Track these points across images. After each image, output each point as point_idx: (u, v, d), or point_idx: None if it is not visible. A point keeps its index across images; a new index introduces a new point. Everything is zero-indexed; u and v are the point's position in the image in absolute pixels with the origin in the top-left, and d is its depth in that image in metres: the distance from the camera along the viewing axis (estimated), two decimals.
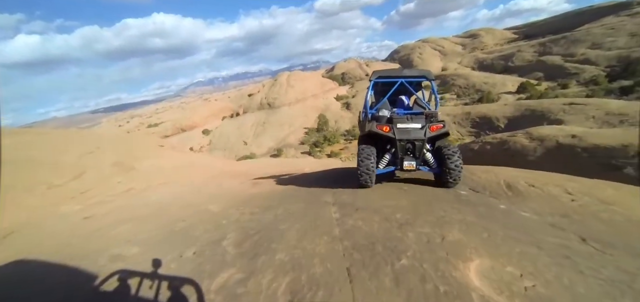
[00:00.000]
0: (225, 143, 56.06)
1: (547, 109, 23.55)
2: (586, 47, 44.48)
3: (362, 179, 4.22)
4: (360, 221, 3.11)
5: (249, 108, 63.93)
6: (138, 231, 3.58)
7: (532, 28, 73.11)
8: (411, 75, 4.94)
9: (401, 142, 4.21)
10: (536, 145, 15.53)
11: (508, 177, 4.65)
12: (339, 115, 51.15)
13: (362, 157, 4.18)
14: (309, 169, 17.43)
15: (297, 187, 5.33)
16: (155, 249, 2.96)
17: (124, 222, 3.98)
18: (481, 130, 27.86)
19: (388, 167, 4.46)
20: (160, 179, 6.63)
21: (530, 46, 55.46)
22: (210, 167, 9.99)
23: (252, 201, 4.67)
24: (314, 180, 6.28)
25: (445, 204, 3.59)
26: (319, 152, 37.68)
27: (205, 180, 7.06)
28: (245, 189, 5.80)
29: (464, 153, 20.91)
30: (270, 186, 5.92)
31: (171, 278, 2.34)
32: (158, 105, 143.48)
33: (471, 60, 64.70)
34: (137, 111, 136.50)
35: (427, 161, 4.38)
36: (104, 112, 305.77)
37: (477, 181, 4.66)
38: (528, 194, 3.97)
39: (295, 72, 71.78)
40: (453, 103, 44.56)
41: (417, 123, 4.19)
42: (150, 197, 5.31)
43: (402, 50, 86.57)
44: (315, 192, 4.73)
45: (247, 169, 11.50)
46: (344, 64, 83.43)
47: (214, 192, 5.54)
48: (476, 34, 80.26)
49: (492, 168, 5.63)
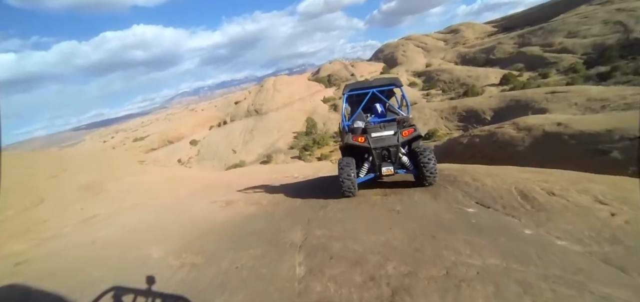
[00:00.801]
0: (213, 153, 54.96)
1: (531, 98, 23.92)
2: (563, 37, 45.84)
3: (345, 189, 4.43)
4: (333, 287, 2.21)
5: (236, 116, 63.00)
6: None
7: (511, 20, 75.10)
8: (380, 84, 5.20)
9: (376, 150, 4.43)
10: (524, 136, 15.60)
11: (518, 182, 4.03)
12: (327, 117, 50.94)
13: (342, 172, 4.39)
14: (298, 174, 16.99)
15: (270, 211, 4.73)
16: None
17: (44, 277, 3.16)
18: (468, 124, 28.09)
19: (368, 174, 4.71)
20: (133, 199, 6.10)
21: (509, 38, 56.81)
22: (192, 180, 9.44)
23: (205, 239, 3.92)
24: (294, 191, 5.81)
25: (453, 236, 2.83)
26: (309, 156, 37.30)
27: (179, 198, 6.50)
28: (212, 213, 5.09)
29: (454, 147, 20.95)
30: (241, 207, 5.21)
31: None
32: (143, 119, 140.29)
33: (454, 55, 65.80)
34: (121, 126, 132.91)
35: (403, 164, 4.61)
36: (87, 128, 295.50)
37: (484, 191, 3.98)
38: (551, 206, 3.25)
39: (281, 77, 71.32)
40: (439, 98, 45.03)
41: (389, 130, 4.44)
42: (101, 231, 4.68)
43: (386, 49, 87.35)
44: (287, 220, 4.09)
45: (232, 180, 10.99)
46: (330, 66, 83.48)
47: (172, 222, 4.87)
48: (457, 29, 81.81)
49: (495, 170, 5.07)
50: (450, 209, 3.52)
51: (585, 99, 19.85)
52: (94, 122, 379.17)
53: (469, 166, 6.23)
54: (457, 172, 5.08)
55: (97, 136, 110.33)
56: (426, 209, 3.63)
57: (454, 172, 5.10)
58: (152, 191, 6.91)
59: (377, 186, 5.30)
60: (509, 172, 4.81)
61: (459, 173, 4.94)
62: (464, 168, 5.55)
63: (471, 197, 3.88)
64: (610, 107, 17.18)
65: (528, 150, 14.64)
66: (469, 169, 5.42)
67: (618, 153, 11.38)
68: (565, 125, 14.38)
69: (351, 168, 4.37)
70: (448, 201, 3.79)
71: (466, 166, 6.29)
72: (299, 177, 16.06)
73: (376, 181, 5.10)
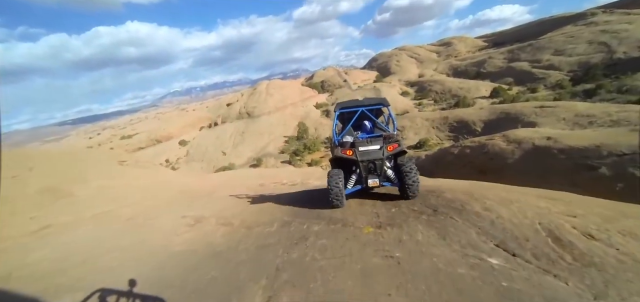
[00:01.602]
0: (203, 154, 53.91)
1: (521, 112, 24.25)
2: (550, 54, 47.22)
3: (333, 200, 4.63)
4: None
5: (227, 118, 62.14)
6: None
7: (501, 36, 77.17)
8: (370, 103, 5.53)
9: (363, 162, 4.70)
10: (514, 148, 15.66)
11: (540, 214, 3.41)
12: (319, 123, 50.71)
13: (331, 181, 4.61)
14: (286, 180, 16.54)
15: (237, 240, 3.89)
16: None
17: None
18: (459, 134, 28.29)
19: (356, 186, 4.96)
20: (97, 207, 5.52)
21: (500, 53, 58.21)
22: (172, 185, 8.87)
23: (140, 286, 3.01)
24: (275, 208, 5.20)
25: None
26: (299, 161, 36.87)
27: (148, 209, 5.81)
28: (172, 237, 4.31)
29: (444, 157, 20.94)
30: (209, 230, 4.43)
31: None
32: (132, 116, 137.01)
33: (446, 66, 66.96)
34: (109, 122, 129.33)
35: (388, 177, 4.84)
36: (73, 124, 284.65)
37: (502, 227, 3.22)
38: (601, 260, 2.53)
39: (274, 81, 71.00)
40: (431, 108, 45.49)
41: (375, 145, 4.74)
42: (36, 253, 4.01)
43: (380, 58, 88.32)
44: (249, 266, 3.20)
45: (215, 186, 10.46)
46: (323, 72, 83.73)
47: (123, 248, 4.06)
48: (449, 42, 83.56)
49: (506, 193, 4.48)
50: (467, 258, 2.76)
51: (572, 114, 20.20)
52: (81, 118, 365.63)
53: (474, 186, 5.69)
54: (464, 196, 4.44)
55: (82, 132, 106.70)
56: (435, 256, 2.85)
57: (460, 196, 4.45)
58: (123, 198, 6.30)
59: (367, 198, 4.91)
60: (523, 198, 4.20)
61: (465, 198, 4.30)
62: (470, 191, 4.80)
63: (488, 236, 3.10)
64: (597, 123, 17.48)
65: (518, 163, 14.68)
66: (476, 191, 4.72)
67: (606, 169, 11.43)
68: (554, 140, 14.49)
69: (340, 179, 4.63)
70: (461, 243, 3.04)
71: (472, 186, 5.69)
72: (287, 183, 15.63)
73: (367, 192, 5.24)
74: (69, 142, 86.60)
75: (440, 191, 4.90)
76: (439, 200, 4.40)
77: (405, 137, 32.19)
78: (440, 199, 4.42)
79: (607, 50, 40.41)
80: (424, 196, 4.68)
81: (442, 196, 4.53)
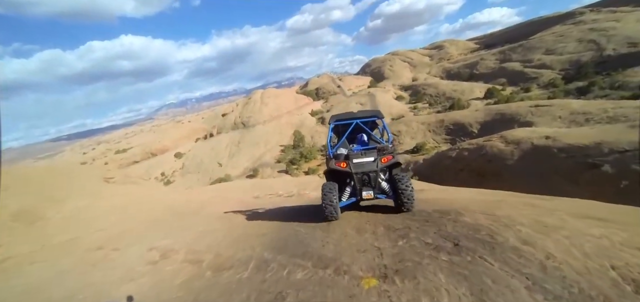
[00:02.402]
0: (198, 166, 53.24)
1: (516, 112, 24.20)
2: (541, 53, 47.75)
3: (327, 213, 4.49)
4: None
5: (223, 128, 61.69)
6: None
7: (491, 38, 78.23)
8: (364, 115, 5.47)
9: (357, 174, 4.59)
10: (512, 149, 15.43)
11: (606, 252, 2.56)
12: (315, 130, 50.46)
13: (325, 194, 4.47)
14: (282, 191, 16.07)
15: (197, 290, 3.25)
16: None
17: None
18: (456, 137, 28.15)
19: (350, 198, 4.82)
20: (68, 233, 4.98)
21: (491, 55, 58.81)
22: (155, 204, 8.36)
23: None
24: (258, 234, 4.61)
25: None
26: (296, 170, 36.42)
27: (116, 237, 5.09)
28: (129, 279, 3.66)
29: (442, 161, 20.68)
30: (169, 271, 3.75)
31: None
32: (128, 130, 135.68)
33: (439, 70, 67.44)
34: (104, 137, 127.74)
35: (383, 189, 4.72)
36: (67, 139, 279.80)
37: (559, 273, 2.33)
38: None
39: (268, 90, 70.91)
40: (426, 111, 45.51)
41: (370, 157, 4.63)
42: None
43: (373, 64, 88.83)
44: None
45: (205, 202, 9.95)
46: (318, 79, 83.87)
47: (59, 297, 3.37)
48: (441, 46, 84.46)
49: (542, 217, 3.59)
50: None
51: (568, 112, 20.14)
52: (76, 133, 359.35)
53: (489, 200, 4.92)
54: (486, 218, 3.63)
55: (77, 148, 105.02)
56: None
57: (482, 219, 3.65)
58: (97, 221, 5.73)
59: (366, 221, 4.29)
60: (566, 222, 3.32)
61: (490, 222, 3.48)
62: (491, 210, 4.00)
63: (548, 296, 2.09)
64: (594, 120, 17.39)
65: (517, 164, 14.42)
66: (498, 210, 3.93)
67: (609, 167, 11.18)
68: (553, 139, 14.28)
69: (333, 193, 4.50)
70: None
71: (488, 202, 4.99)
72: (283, 194, 15.16)
73: (365, 213, 4.86)
74: (63, 158, 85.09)
75: (456, 212, 4.07)
76: (458, 226, 3.53)
77: (401, 142, 31.99)
78: (458, 225, 3.56)
79: (597, 48, 40.95)
80: (437, 220, 3.87)
81: (460, 221, 3.71)
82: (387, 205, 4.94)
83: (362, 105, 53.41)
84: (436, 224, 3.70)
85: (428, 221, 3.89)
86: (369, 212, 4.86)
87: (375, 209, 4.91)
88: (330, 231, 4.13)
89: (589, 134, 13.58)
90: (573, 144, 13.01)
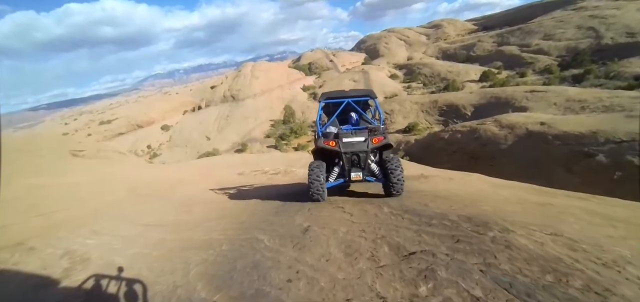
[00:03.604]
0: (186, 139, 51.79)
1: (511, 96, 23.77)
2: (539, 38, 46.94)
3: (313, 193, 4.31)
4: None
5: (211, 101, 59.66)
6: None
7: (490, 20, 76.45)
8: (356, 94, 5.26)
9: (346, 154, 4.40)
10: (506, 133, 15.05)
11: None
12: (306, 106, 49.27)
13: (312, 174, 4.29)
14: (269, 168, 15.41)
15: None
16: None
17: None
18: (449, 119, 27.73)
19: (338, 179, 4.65)
20: (9, 217, 4.23)
21: (489, 37, 57.64)
22: (124, 182, 7.54)
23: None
24: (227, 225, 3.95)
25: None
26: (286, 146, 35.68)
27: (63, 222, 4.24)
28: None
29: (435, 142, 20.29)
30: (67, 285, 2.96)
31: None
32: (112, 101, 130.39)
33: (435, 50, 66.06)
34: (87, 107, 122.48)
35: (372, 171, 4.57)
36: (47, 108, 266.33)
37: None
38: None
39: (260, 63, 68.39)
40: (420, 91, 44.79)
41: (360, 137, 4.46)
42: None
43: (369, 40, 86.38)
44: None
45: (187, 176, 9.24)
46: (311, 54, 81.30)
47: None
48: (439, 25, 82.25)
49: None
50: None
51: (564, 99, 19.79)
52: (56, 102, 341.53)
53: (556, 213, 3.45)
54: (562, 249, 2.32)
55: (58, 118, 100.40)
56: None
57: (553, 247, 2.34)
58: (42, 204, 4.89)
59: (359, 232, 3.12)
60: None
61: (578, 261, 2.12)
62: (560, 231, 2.65)
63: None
64: (590, 108, 17.09)
65: (512, 148, 14.09)
66: (578, 235, 2.58)
67: (604, 156, 10.88)
68: (548, 125, 13.89)
69: (321, 171, 4.35)
70: None
71: (544, 211, 3.62)
72: (268, 171, 14.52)
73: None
74: (43, 129, 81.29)
75: (497, 225, 2.75)
76: (517, 259, 2.17)
77: (394, 121, 31.45)
78: (516, 257, 2.21)
79: (595, 35, 40.37)
80: (474, 240, 2.50)
81: (514, 245, 2.36)
82: (387, 204, 4.03)
83: (356, 82, 52.17)
84: (475, 249, 2.33)
85: (459, 240, 2.49)
86: (365, 210, 3.84)
87: (372, 209, 3.90)
88: (307, 246, 2.86)
89: (585, 123, 13.23)
90: (569, 131, 12.65)
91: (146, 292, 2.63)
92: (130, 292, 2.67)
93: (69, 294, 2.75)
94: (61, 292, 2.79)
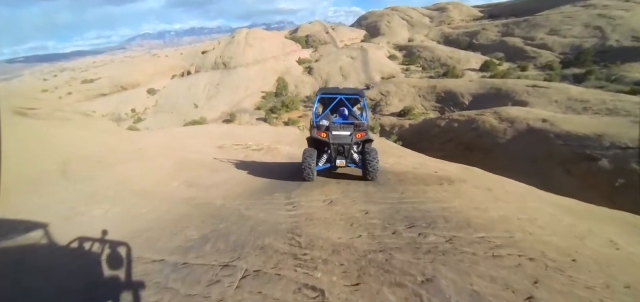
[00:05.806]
0: (173, 105, 49.63)
1: (512, 89, 22.92)
2: (545, 33, 45.65)
3: (305, 174, 5.25)
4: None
5: (201, 67, 56.84)
6: None
7: (497, 8, 74.09)
8: (348, 93, 6.23)
9: (334, 145, 5.37)
10: (506, 127, 14.27)
11: None
12: (300, 80, 47.50)
13: (305, 158, 5.27)
14: (252, 142, 14.30)
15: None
16: None
17: None
18: (446, 106, 26.86)
19: (326, 164, 5.62)
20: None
21: (494, 26, 55.91)
22: (70, 149, 6.35)
23: None
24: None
25: None
26: (276, 119, 34.35)
27: None
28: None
29: (430, 129, 19.44)
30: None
31: None
32: (96, 58, 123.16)
33: (437, 33, 64.02)
34: (69, 63, 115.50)
35: (354, 159, 5.52)
36: (25, 61, 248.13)
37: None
38: None
39: (255, 30, 64.97)
40: (418, 75, 43.50)
41: (346, 131, 5.41)
42: None
43: (370, 17, 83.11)
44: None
45: (162, 145, 8.06)
46: (309, 26, 77.87)
47: None
48: (444, 8, 79.33)
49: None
50: None
51: (565, 97, 19.07)
52: (34, 56, 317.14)
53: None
54: None
55: (38, 72, 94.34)
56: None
57: None
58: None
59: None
60: None
61: None
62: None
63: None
64: (592, 110, 16.41)
65: (510, 143, 13.36)
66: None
67: (607, 161, 10.23)
68: (550, 123, 13.14)
69: (312, 157, 5.26)
70: None
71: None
72: (251, 146, 13.44)
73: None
74: (21, 83, 76.11)
75: None
76: None
77: (389, 103, 30.43)
78: None
79: (601, 36, 39.38)
80: None
81: None
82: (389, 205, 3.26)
83: (353, 59, 50.28)
84: None
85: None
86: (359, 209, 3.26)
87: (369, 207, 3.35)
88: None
89: (588, 124, 12.53)
90: (571, 131, 11.94)
91: None
92: None
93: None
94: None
